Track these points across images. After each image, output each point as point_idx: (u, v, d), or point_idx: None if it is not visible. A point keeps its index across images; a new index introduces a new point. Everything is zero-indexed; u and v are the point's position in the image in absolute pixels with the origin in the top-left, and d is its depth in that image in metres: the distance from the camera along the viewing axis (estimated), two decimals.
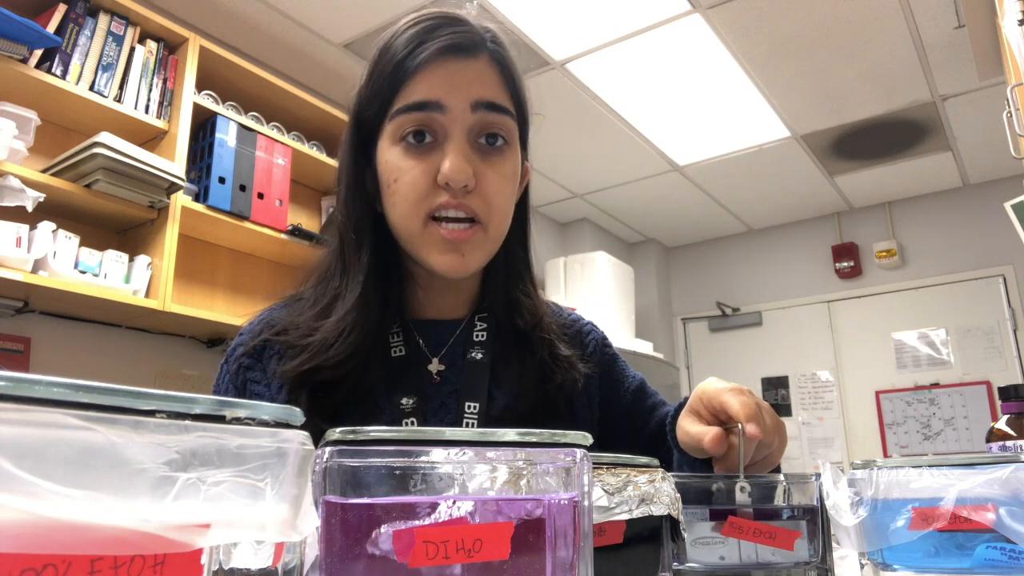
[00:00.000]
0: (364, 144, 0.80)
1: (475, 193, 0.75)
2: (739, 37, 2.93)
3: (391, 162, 0.76)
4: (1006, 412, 0.93)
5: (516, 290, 0.86)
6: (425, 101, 0.74)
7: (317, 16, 2.75)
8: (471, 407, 0.78)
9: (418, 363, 0.81)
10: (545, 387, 0.81)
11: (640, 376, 0.95)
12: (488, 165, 0.76)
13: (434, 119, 0.74)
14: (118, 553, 0.24)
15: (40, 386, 0.23)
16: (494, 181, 0.76)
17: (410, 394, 0.77)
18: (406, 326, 0.82)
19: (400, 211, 0.76)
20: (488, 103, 0.76)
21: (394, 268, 0.82)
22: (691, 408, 0.72)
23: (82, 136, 2.12)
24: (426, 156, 0.75)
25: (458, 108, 0.74)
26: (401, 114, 0.75)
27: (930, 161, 4.07)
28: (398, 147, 0.76)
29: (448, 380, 0.80)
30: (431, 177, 0.74)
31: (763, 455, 0.68)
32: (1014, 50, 1.55)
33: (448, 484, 0.35)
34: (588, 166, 4.03)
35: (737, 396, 0.66)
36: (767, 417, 0.67)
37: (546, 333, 0.84)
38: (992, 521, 0.50)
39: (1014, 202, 1.71)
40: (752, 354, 4.85)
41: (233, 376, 0.80)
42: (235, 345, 0.82)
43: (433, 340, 0.83)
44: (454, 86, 0.75)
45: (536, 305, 0.86)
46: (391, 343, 0.80)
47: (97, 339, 2.35)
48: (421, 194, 0.74)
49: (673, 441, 0.75)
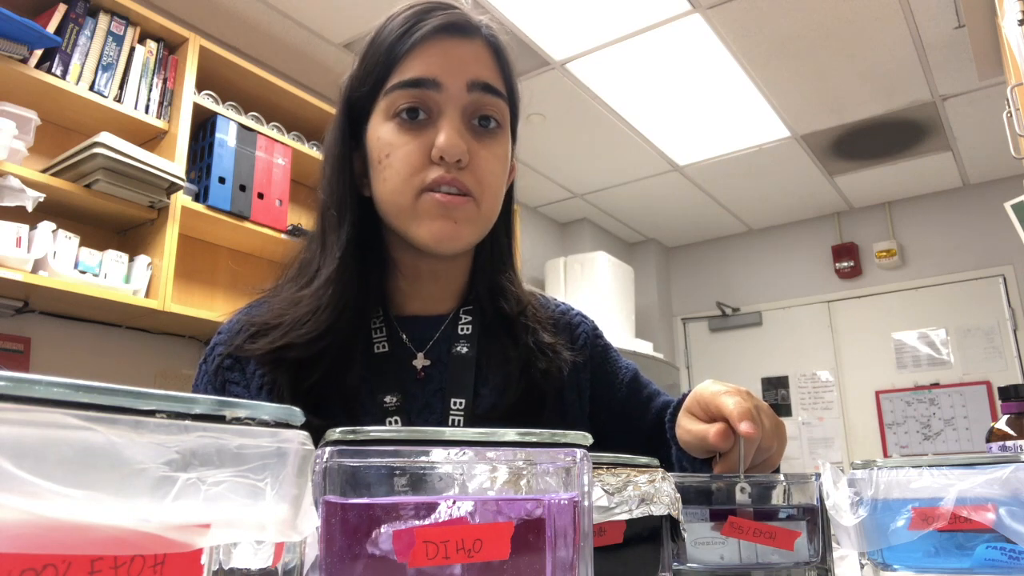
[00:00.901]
0: (354, 126, 0.80)
1: (468, 170, 0.75)
2: (739, 37, 2.93)
3: (383, 138, 0.75)
4: (1006, 412, 0.93)
5: (501, 277, 0.86)
6: (421, 78, 0.74)
7: (317, 16, 2.75)
8: (456, 403, 0.77)
9: (402, 359, 0.80)
10: (530, 374, 0.80)
11: (634, 366, 0.94)
12: (481, 145, 0.76)
13: (429, 96, 0.74)
14: (118, 553, 0.24)
15: (40, 386, 0.23)
16: (487, 159, 0.76)
17: (393, 392, 0.76)
18: (389, 322, 0.81)
19: (391, 185, 0.75)
20: (484, 84, 0.76)
21: (376, 257, 0.81)
22: (688, 409, 0.72)
23: (82, 136, 2.12)
24: (420, 132, 0.74)
25: (454, 87, 0.74)
26: (396, 90, 0.74)
27: (930, 161, 4.07)
28: (391, 123, 0.75)
29: (433, 377, 0.79)
30: (425, 153, 0.74)
31: (762, 458, 0.68)
32: (1014, 50, 1.55)
33: (448, 484, 0.35)
34: (588, 166, 4.03)
35: (733, 397, 0.66)
36: (765, 419, 0.67)
37: (530, 321, 0.84)
38: (992, 521, 0.50)
39: (1014, 202, 1.71)
40: (752, 354, 4.85)
41: (212, 376, 0.78)
42: (214, 344, 0.81)
43: (417, 336, 0.82)
44: (450, 65, 0.74)
45: (520, 293, 0.86)
46: (374, 339, 0.79)
47: (97, 339, 2.35)
48: (414, 169, 0.74)
49: (673, 440, 0.75)
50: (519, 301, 0.85)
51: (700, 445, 0.69)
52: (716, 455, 0.69)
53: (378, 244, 0.82)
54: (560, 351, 0.83)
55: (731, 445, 0.66)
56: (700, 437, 0.68)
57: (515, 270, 0.88)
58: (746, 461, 0.66)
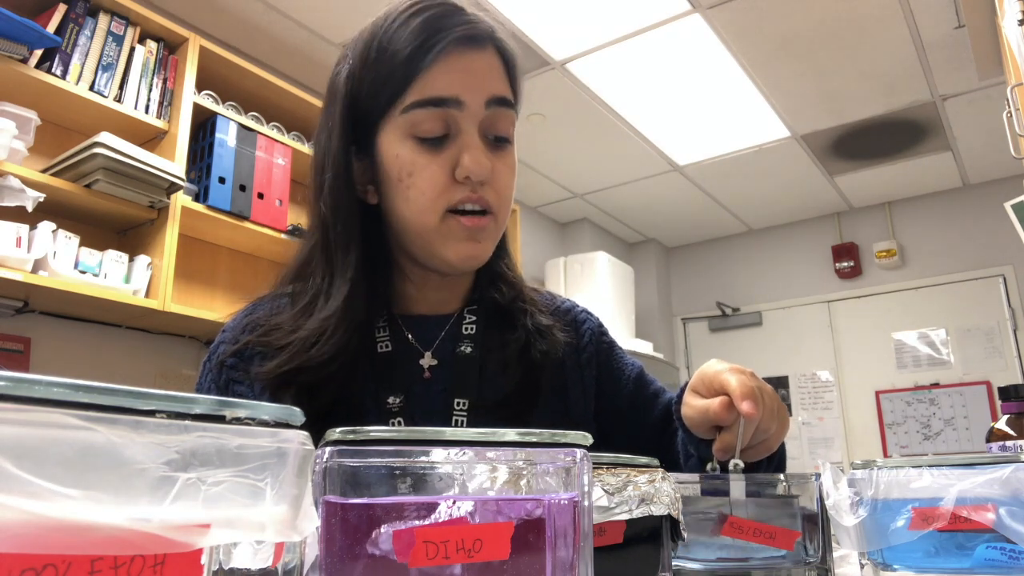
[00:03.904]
0: (359, 132, 0.78)
1: (488, 185, 0.75)
2: (739, 37, 2.93)
3: (403, 156, 0.74)
4: (1006, 412, 0.93)
5: (500, 263, 0.87)
6: (444, 97, 0.73)
7: (317, 16, 2.75)
8: (460, 404, 0.77)
9: (406, 359, 0.79)
10: (529, 356, 0.80)
11: (639, 364, 0.94)
12: (498, 159, 0.76)
13: (450, 114, 0.73)
14: (118, 553, 0.24)
15: (40, 386, 0.23)
16: (504, 174, 0.77)
17: (397, 392, 0.76)
18: (393, 320, 0.81)
19: (417, 206, 0.74)
20: (500, 98, 0.76)
21: (382, 263, 0.81)
22: (692, 388, 0.72)
23: (82, 136, 2.12)
24: (441, 151, 0.74)
25: (474, 104, 0.74)
26: (416, 108, 0.73)
27: (930, 161, 4.07)
28: (410, 141, 0.74)
29: (438, 377, 0.79)
30: (448, 172, 0.73)
31: (760, 439, 0.68)
32: (1014, 50, 1.55)
33: (448, 484, 0.35)
34: (588, 166, 4.03)
35: (736, 375, 0.66)
36: (767, 399, 0.66)
37: (527, 304, 0.84)
38: (992, 521, 0.50)
39: (1014, 202, 1.71)
40: (752, 354, 4.85)
41: (215, 375, 0.78)
42: (217, 343, 0.80)
43: (423, 335, 0.81)
44: (470, 81, 0.74)
45: (515, 277, 0.87)
46: (377, 338, 0.79)
47: (97, 339, 2.35)
48: (439, 190, 0.73)
49: (679, 421, 0.75)
50: (513, 286, 0.86)
51: (702, 420, 0.69)
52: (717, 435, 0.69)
53: (382, 248, 0.81)
54: (555, 333, 0.84)
55: (734, 419, 0.66)
56: (702, 411, 0.68)
57: (510, 255, 0.89)
58: (744, 440, 0.66)
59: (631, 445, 0.77)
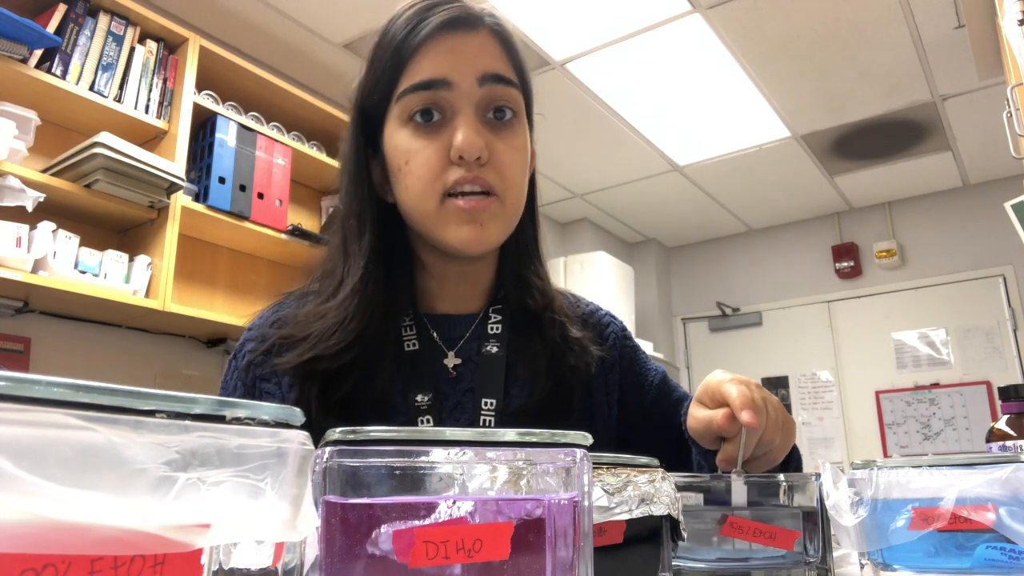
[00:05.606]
0: (369, 135, 0.79)
1: (489, 166, 0.74)
2: (739, 37, 2.93)
3: (400, 145, 0.74)
4: (1006, 412, 0.93)
5: (528, 271, 0.84)
6: (431, 79, 0.73)
7: (317, 16, 2.75)
8: (488, 403, 0.76)
9: (433, 357, 0.79)
10: (558, 370, 0.79)
11: (662, 369, 0.93)
12: (499, 138, 0.75)
13: (441, 97, 0.73)
14: (118, 553, 0.24)
15: (40, 386, 0.23)
16: (506, 153, 0.75)
17: (425, 390, 0.76)
18: (419, 319, 0.81)
19: (414, 192, 0.74)
20: (495, 75, 0.75)
21: (403, 258, 0.81)
22: (697, 399, 0.72)
23: (82, 136, 2.12)
24: (436, 134, 0.73)
25: (465, 83, 0.73)
26: (407, 95, 0.73)
27: (930, 161, 4.07)
28: (406, 129, 0.74)
29: (464, 376, 0.79)
30: (443, 154, 0.73)
31: (763, 451, 0.67)
32: (1014, 50, 1.55)
33: (448, 484, 0.35)
34: (588, 166, 4.03)
35: (737, 386, 0.66)
36: (771, 410, 0.66)
37: (557, 315, 0.83)
38: (992, 521, 0.50)
39: (1014, 202, 1.71)
40: (752, 354, 4.85)
41: (243, 373, 0.78)
42: (244, 340, 0.81)
43: (448, 334, 0.81)
44: (459, 61, 0.73)
45: (547, 287, 0.85)
46: (404, 336, 0.79)
47: (97, 339, 2.35)
48: (435, 172, 0.73)
49: (687, 434, 0.74)
50: (544, 295, 0.84)
51: (706, 431, 0.69)
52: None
53: (404, 246, 0.81)
54: (587, 345, 0.82)
55: (736, 430, 0.65)
56: (706, 423, 0.68)
57: (541, 262, 0.87)
58: (746, 451, 0.65)
59: (651, 453, 0.77)
